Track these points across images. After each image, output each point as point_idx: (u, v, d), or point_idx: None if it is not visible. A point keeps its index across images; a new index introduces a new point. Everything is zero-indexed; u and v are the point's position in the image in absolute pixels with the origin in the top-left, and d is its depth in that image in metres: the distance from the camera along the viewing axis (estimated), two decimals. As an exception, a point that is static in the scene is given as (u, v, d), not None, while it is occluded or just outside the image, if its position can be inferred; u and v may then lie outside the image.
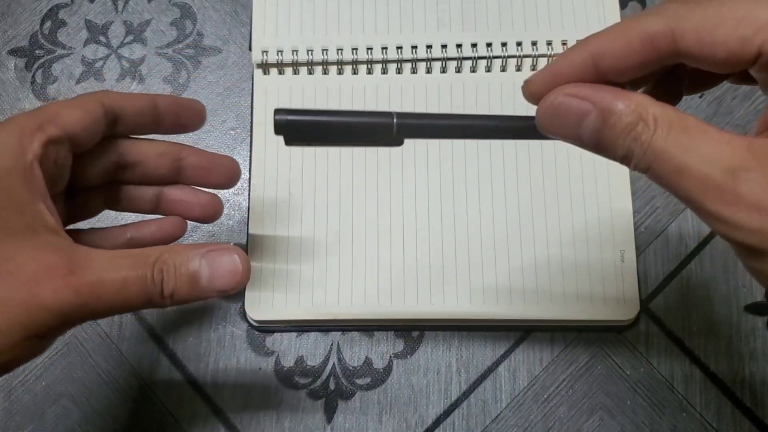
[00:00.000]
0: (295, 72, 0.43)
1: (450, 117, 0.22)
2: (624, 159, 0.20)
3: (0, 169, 0.23)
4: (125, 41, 0.45)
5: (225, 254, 0.24)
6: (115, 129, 0.29)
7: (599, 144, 0.20)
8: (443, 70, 0.42)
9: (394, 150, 0.41)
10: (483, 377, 0.39)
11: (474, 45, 0.42)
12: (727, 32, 0.19)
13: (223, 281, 0.24)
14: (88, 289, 0.22)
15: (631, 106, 0.19)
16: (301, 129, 0.21)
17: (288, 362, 0.39)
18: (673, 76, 0.23)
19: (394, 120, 0.21)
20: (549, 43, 0.42)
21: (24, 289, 0.21)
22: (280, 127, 0.21)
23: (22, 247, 0.22)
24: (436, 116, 0.22)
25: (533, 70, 0.42)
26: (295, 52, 0.42)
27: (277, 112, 0.21)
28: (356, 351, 0.40)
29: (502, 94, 0.42)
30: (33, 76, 0.45)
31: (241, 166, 0.34)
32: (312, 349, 0.40)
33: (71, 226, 0.30)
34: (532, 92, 0.22)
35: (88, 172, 0.29)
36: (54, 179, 0.26)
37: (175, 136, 0.32)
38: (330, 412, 0.39)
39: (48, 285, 0.21)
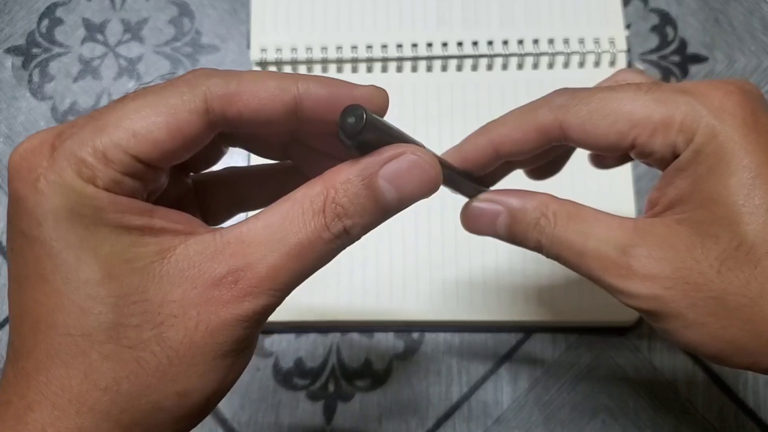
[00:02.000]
0: (294, 70, 0.42)
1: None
2: (536, 248, 0.23)
3: (71, 213, 0.17)
4: (123, 39, 0.45)
5: (403, 162, 0.19)
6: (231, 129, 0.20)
7: (513, 238, 0.24)
8: (444, 69, 0.42)
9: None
10: (484, 379, 0.39)
11: (475, 43, 0.42)
12: (606, 127, 0.22)
13: (417, 190, 0.20)
14: (259, 284, 0.18)
15: (534, 204, 0.23)
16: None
17: (287, 363, 0.39)
18: (558, 152, 0.27)
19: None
20: (550, 41, 0.42)
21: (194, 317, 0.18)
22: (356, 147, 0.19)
23: (170, 283, 0.18)
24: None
25: (534, 68, 0.42)
26: (294, 50, 0.42)
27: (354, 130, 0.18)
28: (356, 352, 0.39)
29: (503, 93, 0.41)
30: (30, 75, 0.44)
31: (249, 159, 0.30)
32: (311, 350, 0.39)
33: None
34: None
35: (200, 165, 0.23)
36: (149, 192, 0.20)
37: None
38: (329, 414, 0.38)
39: (213, 308, 0.18)
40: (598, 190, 0.39)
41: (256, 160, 0.24)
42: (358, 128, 0.18)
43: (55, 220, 0.17)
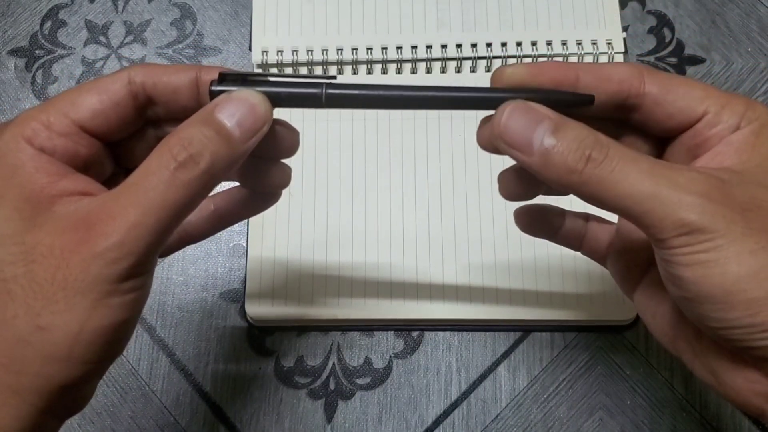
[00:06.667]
0: (295, 72, 0.43)
1: (382, 88, 0.23)
2: (573, 169, 0.20)
3: (5, 169, 0.21)
4: (125, 41, 0.45)
5: (233, 99, 0.22)
6: (156, 111, 0.24)
7: (549, 147, 0.21)
8: (443, 70, 0.42)
9: (396, 150, 0.41)
10: (483, 377, 0.39)
11: (474, 45, 0.42)
12: (685, 90, 0.22)
13: (251, 120, 0.22)
14: (126, 230, 0.20)
15: (586, 129, 0.21)
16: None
17: (288, 362, 0.39)
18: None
19: (324, 90, 0.23)
20: (549, 43, 0.42)
21: (65, 257, 0.20)
22: (213, 97, 0.23)
23: (46, 230, 0.20)
24: (368, 87, 0.23)
25: (533, 70, 0.42)
26: (295, 52, 0.42)
27: (214, 83, 0.23)
28: (356, 351, 0.40)
29: (502, 94, 0.42)
30: (33, 77, 0.45)
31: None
32: (312, 348, 0.40)
33: None
34: (519, 73, 0.23)
35: (138, 155, 0.25)
36: (87, 168, 0.23)
37: None
38: (330, 412, 0.39)
39: (78, 246, 0.20)
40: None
41: None
42: (212, 84, 0.23)
43: None
